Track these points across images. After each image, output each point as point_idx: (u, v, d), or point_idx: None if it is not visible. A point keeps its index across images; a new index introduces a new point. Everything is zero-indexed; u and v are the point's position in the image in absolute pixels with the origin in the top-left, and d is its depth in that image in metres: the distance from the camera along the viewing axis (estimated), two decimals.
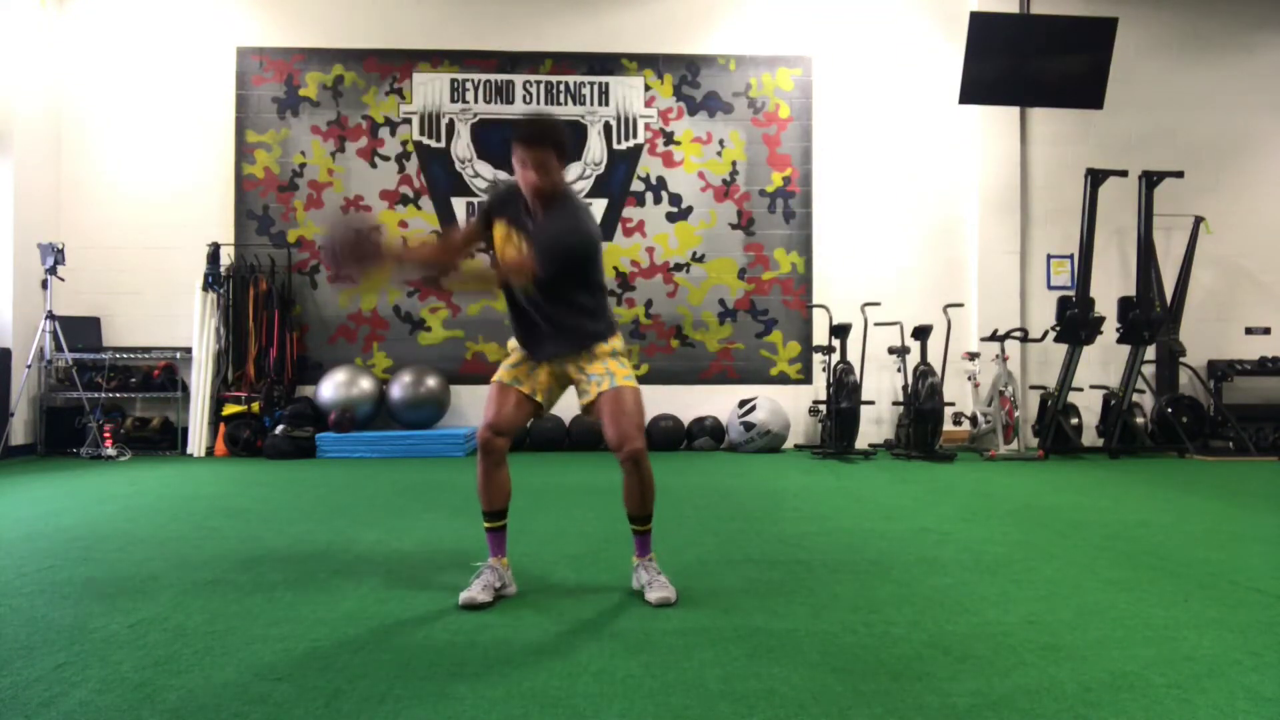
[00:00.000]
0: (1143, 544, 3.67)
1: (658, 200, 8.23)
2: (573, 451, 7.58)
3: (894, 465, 6.72)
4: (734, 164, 8.25)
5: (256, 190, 8.08)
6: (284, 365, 7.79)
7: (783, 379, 8.19)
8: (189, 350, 7.75)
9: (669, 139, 8.23)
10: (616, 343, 2.90)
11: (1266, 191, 8.42)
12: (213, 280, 7.66)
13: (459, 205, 8.14)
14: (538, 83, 8.19)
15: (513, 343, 2.99)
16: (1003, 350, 7.44)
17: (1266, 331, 8.32)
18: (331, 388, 7.53)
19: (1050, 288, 8.24)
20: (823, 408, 7.77)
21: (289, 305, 7.92)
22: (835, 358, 7.40)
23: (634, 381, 2.85)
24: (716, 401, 8.00)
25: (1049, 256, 8.32)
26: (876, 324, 7.61)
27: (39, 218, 7.68)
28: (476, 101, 8.18)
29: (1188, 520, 4.28)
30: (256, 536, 3.84)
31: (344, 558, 3.41)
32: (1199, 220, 8.07)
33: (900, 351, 7.49)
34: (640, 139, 8.22)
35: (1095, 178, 7.66)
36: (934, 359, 7.37)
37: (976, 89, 7.64)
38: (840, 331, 7.37)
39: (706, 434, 7.80)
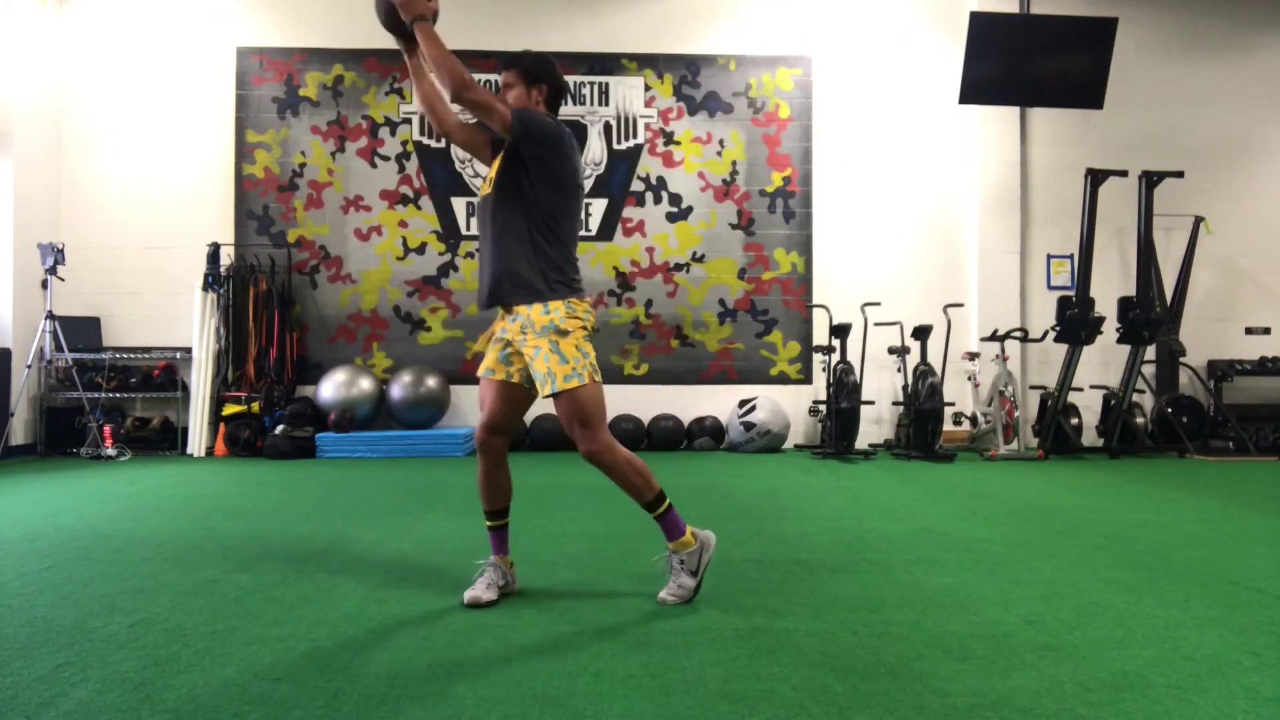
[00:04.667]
0: (1143, 544, 3.67)
1: (658, 200, 8.23)
2: (573, 451, 7.55)
3: (894, 465, 6.72)
4: (734, 164, 8.25)
5: (256, 190, 8.08)
6: (284, 365, 7.79)
7: (783, 379, 8.20)
8: (189, 350, 7.75)
9: (669, 139, 8.23)
10: (558, 310, 2.69)
11: (1266, 191, 8.42)
12: (213, 280, 7.66)
13: (459, 205, 8.14)
14: None
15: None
16: (1003, 350, 7.44)
17: (1266, 331, 8.32)
18: (331, 388, 7.53)
19: (1050, 288, 8.24)
20: (823, 408, 7.77)
21: (289, 305, 7.92)
22: (835, 358, 7.40)
23: (579, 377, 2.66)
24: (716, 401, 8.01)
25: (1049, 256, 8.32)
26: (876, 324, 7.61)
27: (39, 218, 7.68)
28: None
29: (1188, 520, 4.28)
30: (256, 536, 3.84)
31: (344, 558, 3.41)
32: (1199, 220, 8.07)
33: (900, 351, 7.49)
34: (640, 139, 8.22)
35: (1095, 178, 7.66)
36: (934, 359, 7.37)
37: (976, 89, 7.64)
38: (840, 331, 7.37)
39: (706, 434, 7.80)
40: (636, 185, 8.22)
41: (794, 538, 3.80)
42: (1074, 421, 7.70)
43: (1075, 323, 7.33)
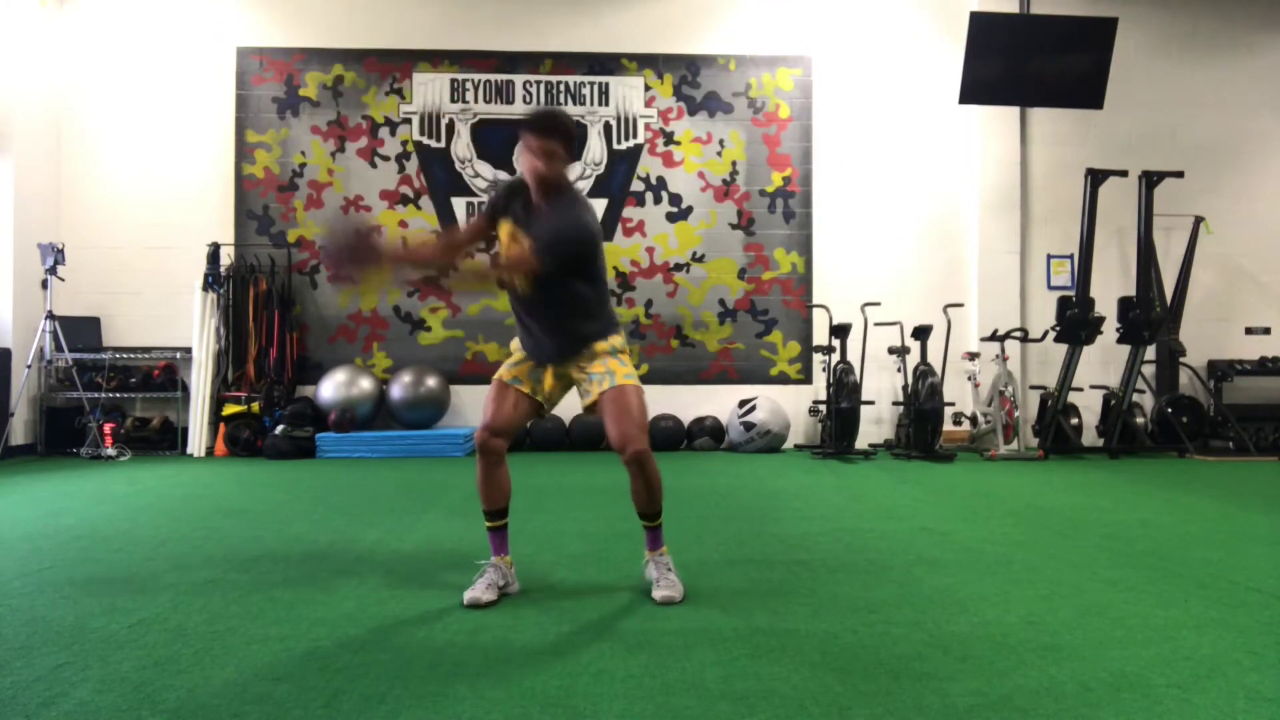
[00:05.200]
0: (1143, 544, 3.67)
1: (658, 200, 8.23)
2: (573, 451, 7.57)
3: (894, 465, 6.72)
4: (734, 164, 8.25)
5: (256, 190, 8.08)
6: (284, 365, 7.79)
7: (783, 379, 8.20)
8: (189, 350, 7.75)
9: (669, 139, 8.23)
10: (616, 340, 2.89)
11: (1266, 191, 8.42)
12: (213, 280, 7.66)
13: (459, 205, 8.14)
14: (538, 83, 8.19)
15: (515, 343, 3.00)
16: (1003, 350, 7.44)
17: (1266, 331, 8.32)
18: (331, 388, 7.53)
19: (1050, 288, 8.24)
20: (823, 408, 7.77)
21: (289, 305, 7.92)
22: (835, 358, 7.40)
23: (635, 380, 2.84)
24: (716, 401, 8.00)
25: (1049, 256, 8.32)
26: (876, 324, 7.61)
27: (39, 218, 7.68)
28: (476, 101, 8.18)
29: (1188, 520, 4.28)
30: (256, 536, 3.84)
31: (344, 558, 3.41)
32: (1199, 220, 8.08)
33: (900, 351, 7.49)
34: (640, 139, 8.22)
35: (1095, 178, 7.66)
36: (934, 359, 7.37)
37: (976, 89, 7.64)
38: (840, 331, 7.37)
39: (706, 434, 7.80)
40: (636, 185, 8.22)
41: (794, 538, 3.80)
42: (1074, 421, 7.70)
43: (1075, 323, 7.33)
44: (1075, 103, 7.90)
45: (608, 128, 8.21)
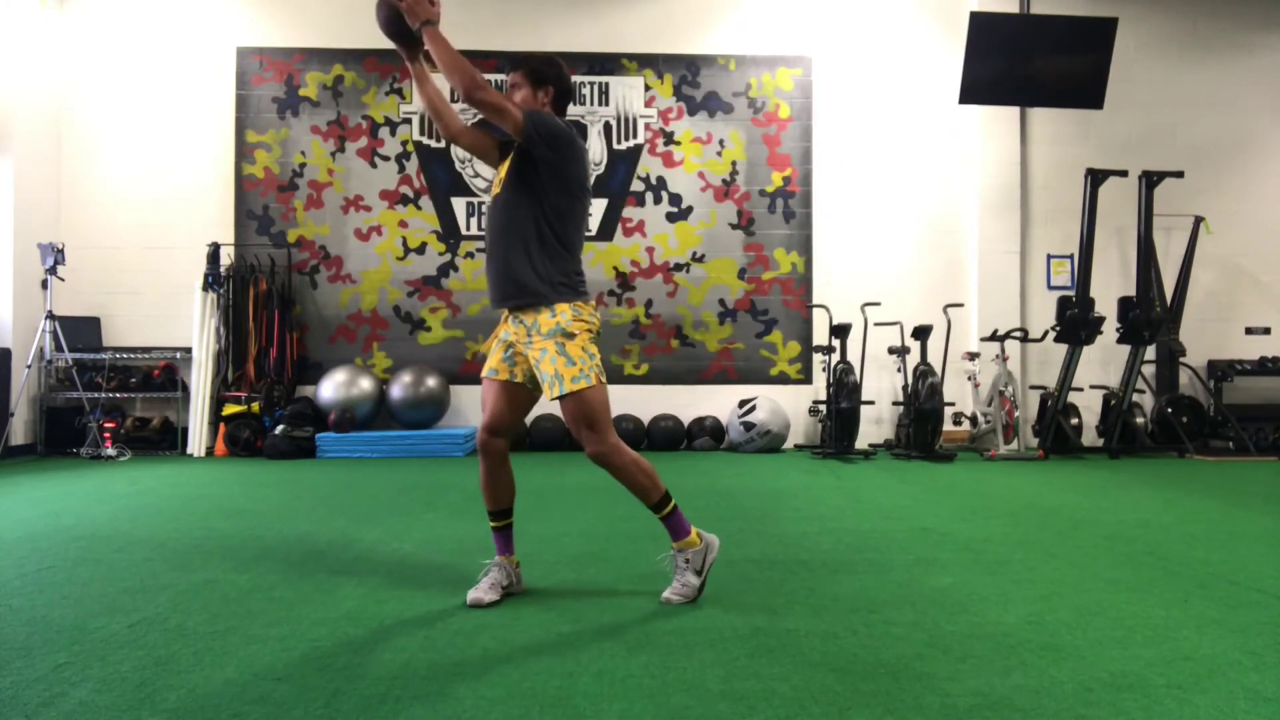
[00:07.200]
0: (1143, 544, 3.67)
1: (658, 200, 8.23)
2: (573, 452, 7.57)
3: (894, 465, 6.72)
4: (734, 164, 8.25)
5: (256, 190, 8.08)
6: (284, 365, 7.79)
7: (783, 379, 8.19)
8: (189, 350, 7.75)
9: (669, 139, 8.23)
10: (564, 314, 2.69)
11: (1266, 191, 8.42)
12: (213, 280, 7.66)
13: (459, 205, 8.14)
14: None
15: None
16: (1003, 350, 7.44)
17: (1266, 331, 8.32)
18: (331, 388, 7.53)
19: (1050, 288, 8.24)
20: (823, 408, 7.77)
21: (289, 305, 7.92)
22: (835, 358, 7.40)
23: (585, 380, 2.65)
24: (716, 401, 8.00)
25: (1049, 256, 8.32)
26: (876, 324, 7.61)
27: (39, 218, 7.68)
28: None
29: (1188, 520, 4.28)
30: (256, 536, 3.84)
31: (344, 558, 3.41)
32: (1199, 220, 8.07)
33: (900, 351, 7.49)
34: (640, 139, 8.22)
35: (1095, 178, 7.66)
36: (934, 359, 7.37)
37: (976, 89, 7.64)
38: (840, 331, 7.37)
39: (706, 434, 7.80)
40: (636, 185, 8.22)
41: (794, 538, 3.80)
42: (1074, 421, 7.70)
43: (1075, 323, 7.33)
44: (1075, 103, 7.90)
45: (608, 128, 8.21)
